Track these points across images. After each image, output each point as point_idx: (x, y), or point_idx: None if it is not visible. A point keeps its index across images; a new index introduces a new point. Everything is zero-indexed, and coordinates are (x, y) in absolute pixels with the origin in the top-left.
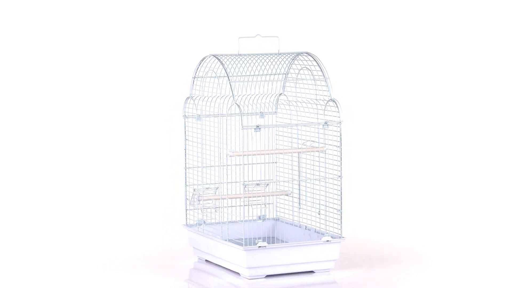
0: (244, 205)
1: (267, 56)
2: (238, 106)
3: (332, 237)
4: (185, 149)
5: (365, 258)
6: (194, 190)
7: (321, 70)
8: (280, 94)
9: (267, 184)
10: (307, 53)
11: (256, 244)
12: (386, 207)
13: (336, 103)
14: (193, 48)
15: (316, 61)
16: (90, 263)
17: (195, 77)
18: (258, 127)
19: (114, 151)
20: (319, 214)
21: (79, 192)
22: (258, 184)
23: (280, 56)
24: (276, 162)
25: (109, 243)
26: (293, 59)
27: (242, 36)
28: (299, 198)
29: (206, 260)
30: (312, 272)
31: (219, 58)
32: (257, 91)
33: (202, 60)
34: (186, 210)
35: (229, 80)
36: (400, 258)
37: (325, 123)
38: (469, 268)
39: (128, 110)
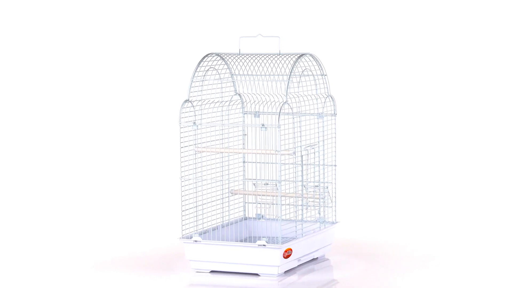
0: (302, 206)
1: (269, 56)
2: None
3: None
4: (242, 144)
5: (364, 257)
6: (254, 184)
7: (314, 71)
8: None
9: (327, 187)
10: (306, 54)
11: (192, 238)
12: (385, 207)
13: (289, 107)
14: (193, 47)
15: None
16: (89, 263)
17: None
18: (195, 124)
19: (115, 152)
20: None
21: (80, 193)
22: (316, 186)
23: (282, 56)
24: (335, 165)
25: (108, 243)
26: (296, 61)
27: (243, 35)
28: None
29: None
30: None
31: (222, 56)
32: (263, 91)
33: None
34: (245, 203)
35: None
36: (397, 257)
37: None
38: (469, 267)
39: (131, 109)
